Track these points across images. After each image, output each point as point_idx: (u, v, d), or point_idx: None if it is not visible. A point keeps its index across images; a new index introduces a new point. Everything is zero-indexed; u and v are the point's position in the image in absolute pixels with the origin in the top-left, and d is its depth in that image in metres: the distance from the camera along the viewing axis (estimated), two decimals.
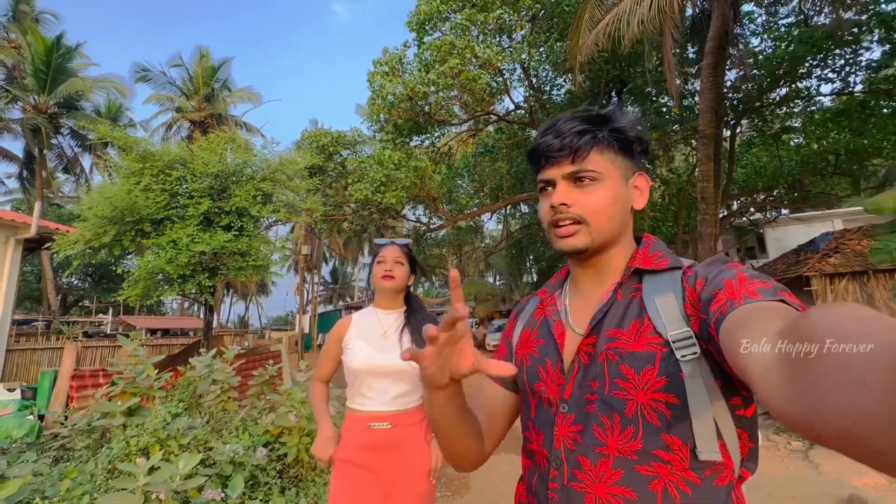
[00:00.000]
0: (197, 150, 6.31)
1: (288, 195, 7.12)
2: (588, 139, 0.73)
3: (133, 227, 5.67)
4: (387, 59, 10.66)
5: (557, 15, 10.35)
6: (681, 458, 0.62)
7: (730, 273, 0.61)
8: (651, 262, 0.74)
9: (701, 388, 0.62)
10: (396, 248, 1.71)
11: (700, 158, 6.74)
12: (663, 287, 0.70)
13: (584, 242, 0.73)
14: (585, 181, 0.73)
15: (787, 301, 0.53)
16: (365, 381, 1.60)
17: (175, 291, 6.14)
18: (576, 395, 0.70)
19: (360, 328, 1.69)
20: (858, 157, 10.99)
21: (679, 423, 0.62)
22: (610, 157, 0.74)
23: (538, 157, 0.77)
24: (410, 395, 1.60)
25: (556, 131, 0.74)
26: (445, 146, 14.40)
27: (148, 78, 20.85)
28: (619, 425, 0.65)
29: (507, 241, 21.68)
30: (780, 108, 12.10)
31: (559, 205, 0.73)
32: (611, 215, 0.74)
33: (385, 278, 1.67)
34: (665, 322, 0.66)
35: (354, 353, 1.62)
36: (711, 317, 0.58)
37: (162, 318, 30.10)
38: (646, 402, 0.64)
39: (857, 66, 9.67)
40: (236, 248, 5.96)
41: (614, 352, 0.68)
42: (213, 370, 3.57)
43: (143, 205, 5.56)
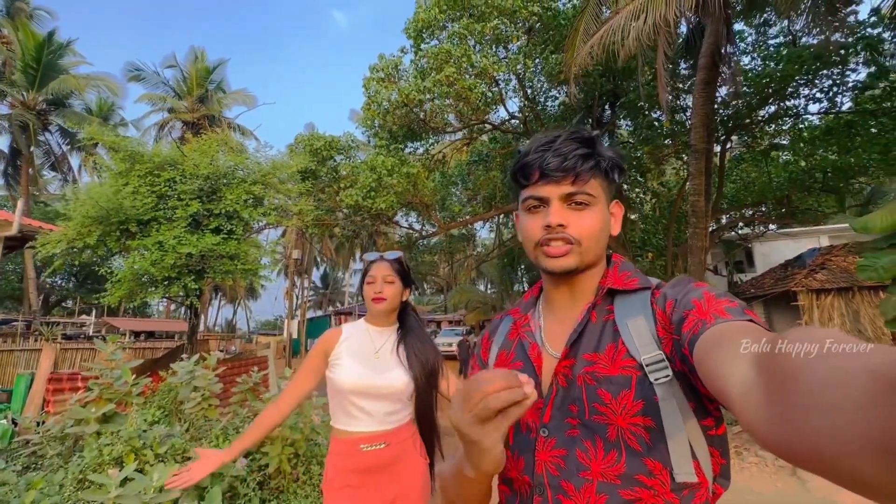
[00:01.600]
0: (188, 152, 6.22)
1: (279, 198, 7.03)
2: (591, 164, 0.74)
3: (118, 227, 5.54)
4: (383, 65, 10.68)
5: (553, 28, 10.48)
6: (662, 482, 0.62)
7: (697, 293, 0.63)
8: (622, 281, 0.75)
9: (675, 410, 0.63)
10: (386, 264, 1.61)
11: (691, 172, 6.81)
12: (634, 310, 0.71)
13: (574, 263, 0.74)
14: (581, 204, 0.74)
15: (754, 321, 0.55)
16: (354, 401, 1.51)
17: (160, 294, 6.01)
18: (556, 419, 0.70)
19: (351, 344, 1.59)
20: (844, 175, 11.22)
21: (657, 446, 0.63)
22: (601, 183, 0.76)
23: (531, 173, 0.76)
24: (401, 412, 1.53)
25: (557, 151, 0.73)
26: (439, 153, 14.42)
27: (141, 77, 20.67)
28: (602, 450, 0.65)
29: (499, 249, 21.71)
30: (770, 126, 12.34)
31: (556, 225, 0.73)
32: (598, 239, 0.75)
33: (376, 301, 1.58)
34: (638, 346, 0.67)
35: (344, 372, 1.52)
36: (685, 338, 0.58)
37: (147, 320, 29.56)
38: (625, 427, 0.64)
39: (844, 87, 9.91)
40: (224, 251, 5.85)
41: (591, 376, 0.68)
42: (195, 376, 3.46)
43: (129, 205, 5.45)
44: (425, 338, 1.64)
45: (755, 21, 11.19)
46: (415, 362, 1.54)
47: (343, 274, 43.31)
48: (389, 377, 1.51)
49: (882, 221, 4.07)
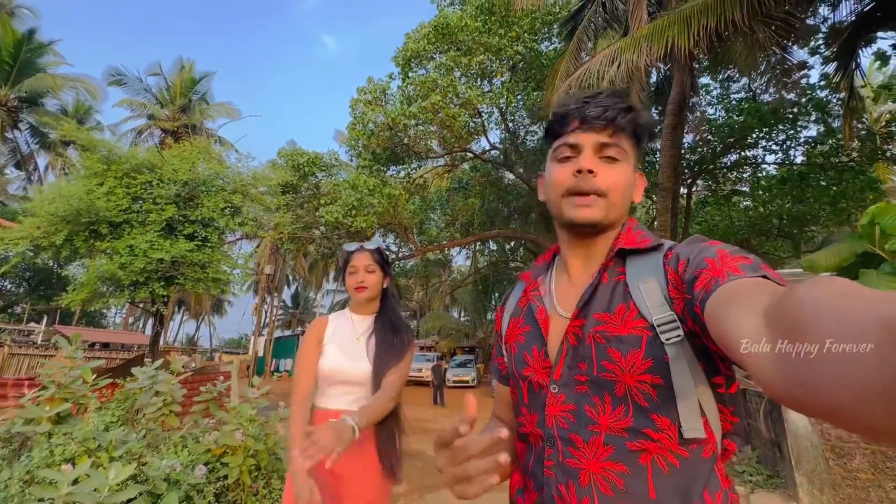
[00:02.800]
0: (167, 156, 6.15)
1: (257, 209, 6.98)
2: (630, 118, 0.74)
3: (88, 227, 5.37)
4: (371, 88, 10.96)
5: (535, 67, 11.07)
6: (669, 437, 0.64)
7: (710, 251, 0.62)
8: (634, 240, 0.75)
9: (685, 369, 0.64)
10: (367, 254, 1.68)
11: (659, 210, 7.19)
12: (646, 272, 0.71)
13: (599, 216, 0.73)
14: (612, 157, 0.74)
15: (769, 277, 0.54)
16: (332, 384, 1.60)
17: (124, 298, 5.79)
18: (565, 376, 0.72)
19: (337, 331, 1.67)
20: (799, 223, 11.99)
21: (665, 403, 0.64)
22: (632, 144, 0.76)
23: (568, 121, 0.76)
24: (367, 397, 1.60)
25: (598, 103, 0.74)
26: (421, 178, 14.67)
27: (122, 82, 20.37)
28: (610, 405, 0.66)
29: (474, 276, 21.86)
30: (731, 172, 13.20)
31: (587, 171, 0.72)
32: (624, 195, 0.75)
33: (359, 290, 1.65)
34: (650, 306, 0.67)
35: (327, 358, 1.61)
36: (697, 297, 0.58)
37: (102, 331, 27.99)
38: (633, 384, 0.65)
39: (797, 141, 10.75)
40: (197, 258, 5.73)
41: (602, 335, 0.69)
42: (157, 381, 3.36)
43: (102, 206, 5.31)
44: (400, 323, 1.71)
45: (720, 76, 12.13)
46: (387, 346, 1.61)
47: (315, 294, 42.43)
48: (361, 364, 1.59)
49: (826, 261, 4.42)
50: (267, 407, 3.63)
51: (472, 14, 10.38)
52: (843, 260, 4.35)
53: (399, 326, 1.69)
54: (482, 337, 25.11)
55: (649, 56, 5.02)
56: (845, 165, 10.34)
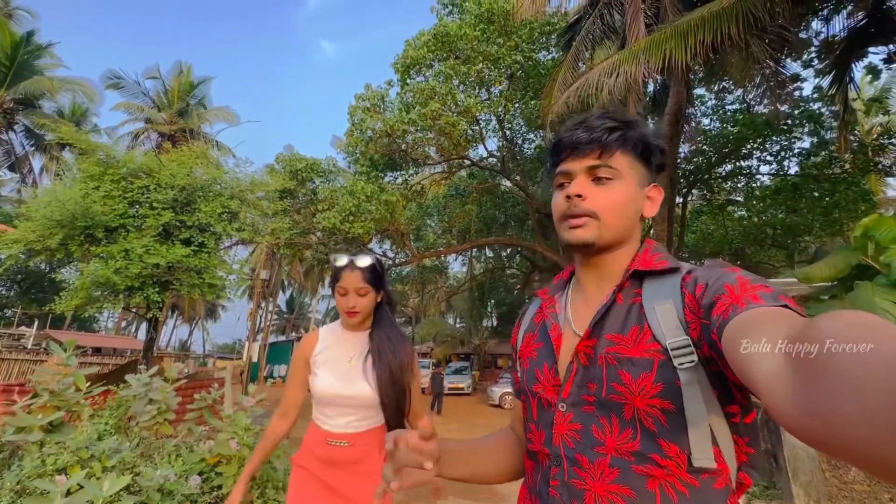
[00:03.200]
0: (165, 161, 6.12)
1: (254, 214, 6.95)
2: (617, 137, 0.74)
3: (83, 231, 5.32)
4: (369, 94, 11.01)
5: (533, 76, 11.16)
6: (678, 464, 0.62)
7: (730, 277, 0.61)
8: (651, 262, 0.74)
9: (697, 395, 0.62)
10: (358, 275, 1.53)
11: (655, 219, 7.23)
12: (663, 293, 0.70)
13: (592, 236, 0.74)
14: (604, 178, 0.74)
15: (789, 307, 0.53)
16: (328, 406, 1.54)
17: (119, 303, 5.73)
18: (574, 395, 0.71)
19: (327, 351, 1.59)
20: (792, 233, 12.11)
21: (675, 429, 0.63)
22: (630, 160, 0.76)
23: (562, 149, 0.78)
24: (371, 419, 1.55)
25: (587, 126, 0.75)
26: (418, 184, 14.71)
27: (120, 86, 20.34)
28: (617, 427, 0.66)
29: (470, 282, 21.86)
30: (726, 182, 13.33)
31: (574, 195, 0.74)
32: (620, 214, 0.75)
33: (350, 315, 1.55)
34: (664, 329, 0.66)
35: (319, 381, 1.53)
36: (714, 322, 0.57)
37: (94, 335, 27.67)
38: (642, 407, 0.64)
39: (791, 152, 10.89)
40: (193, 263, 5.69)
41: (613, 356, 0.69)
42: (152, 388, 3.31)
43: (98, 210, 5.27)
44: (397, 338, 1.61)
45: (715, 88, 12.29)
46: (382, 371, 1.52)
47: (310, 300, 42.21)
48: (357, 388, 1.51)
49: (821, 273, 4.46)
50: (262, 414, 3.60)
51: (471, 23, 10.47)
52: (837, 272, 4.38)
53: (396, 343, 1.59)
54: (478, 344, 25.07)
55: (647, 68, 5.08)
56: (838, 177, 10.48)
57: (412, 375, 1.61)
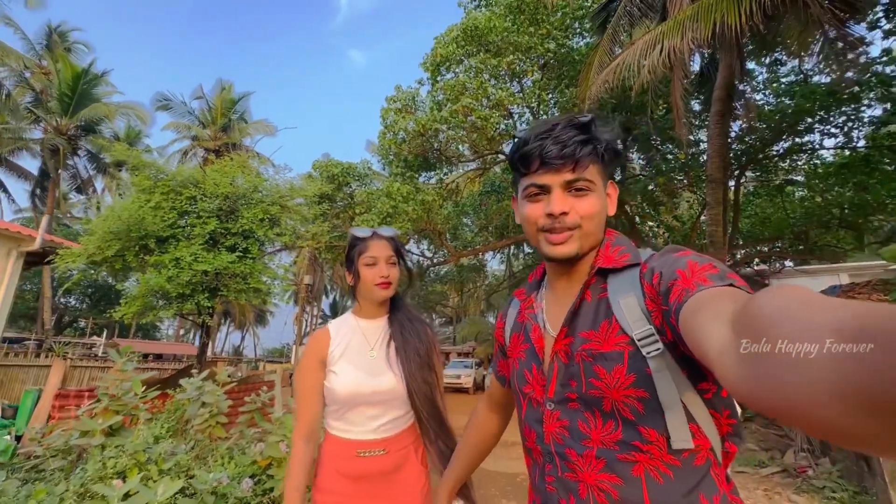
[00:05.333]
0: (209, 172, 6.37)
1: (294, 219, 7.09)
2: (589, 150, 0.75)
3: (138, 242, 5.61)
4: (400, 96, 11.02)
5: (567, 63, 10.77)
6: (658, 448, 0.66)
7: (681, 262, 0.64)
8: (612, 259, 0.77)
9: (668, 380, 0.65)
10: (386, 243, 1.38)
11: (709, 202, 6.75)
12: (625, 287, 0.73)
13: (575, 249, 0.76)
14: (581, 189, 0.75)
15: (735, 284, 0.56)
16: (354, 408, 1.32)
17: (173, 310, 6.00)
18: (559, 394, 0.75)
19: (344, 345, 1.37)
20: (862, 212, 11.03)
21: (652, 415, 0.66)
22: (599, 168, 0.77)
23: (530, 162, 0.77)
24: (403, 418, 1.35)
25: (556, 139, 0.74)
26: (453, 183, 14.61)
27: (169, 107, 21.62)
28: (600, 420, 0.70)
29: (509, 280, 21.55)
30: (784, 161, 12.31)
31: (560, 214, 0.75)
32: (598, 222, 0.77)
33: (382, 286, 1.34)
34: (630, 321, 0.69)
35: (341, 380, 1.31)
36: (671, 308, 0.60)
37: (156, 342, 29.59)
38: (619, 399, 0.67)
39: (860, 122, 9.89)
40: (239, 269, 5.86)
41: (588, 353, 0.72)
42: (204, 392, 3.38)
43: (150, 221, 5.54)
44: (417, 320, 1.44)
45: (766, 61, 11.39)
46: (409, 357, 1.34)
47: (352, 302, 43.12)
48: (386, 379, 1.32)
49: None
50: None
51: (500, 14, 10.24)
52: None
53: (417, 325, 1.42)
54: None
55: (694, 38, 4.70)
56: None
57: (437, 362, 1.42)
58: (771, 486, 4.92)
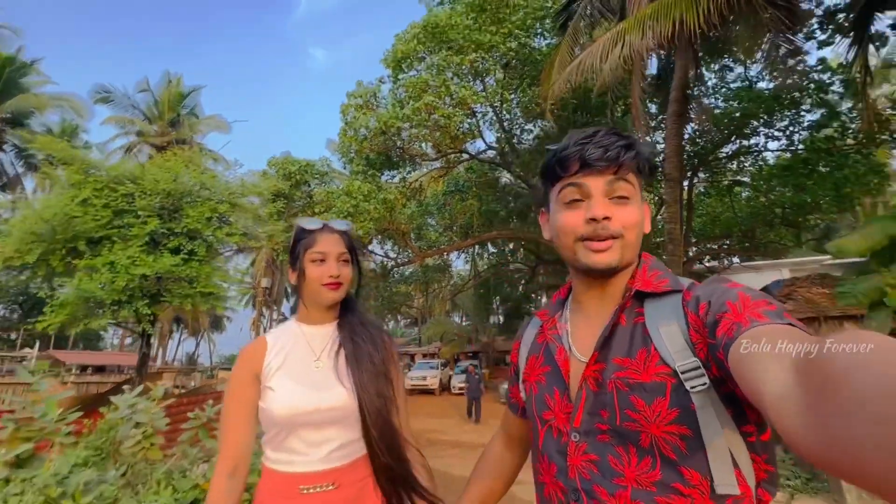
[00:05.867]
0: (149, 167, 5.83)
1: (246, 218, 6.64)
2: (632, 156, 0.71)
3: (65, 245, 5.03)
4: (361, 92, 10.71)
5: (529, 63, 10.84)
6: (701, 492, 0.60)
7: (731, 294, 0.60)
8: (651, 283, 0.72)
9: (713, 418, 0.61)
10: (338, 238, 1.17)
11: (667, 201, 6.92)
12: (666, 314, 0.68)
13: (616, 259, 0.71)
14: (622, 197, 0.72)
15: (794, 325, 0.52)
16: (294, 431, 1.07)
17: (106, 319, 5.43)
18: (586, 424, 0.69)
19: (282, 355, 1.14)
20: (802, 211, 11.80)
21: (694, 455, 0.61)
22: (637, 179, 0.74)
23: (569, 164, 0.73)
24: (357, 443, 1.10)
25: (598, 143, 0.71)
26: (416, 182, 14.40)
27: (109, 99, 20.11)
28: (635, 456, 0.64)
29: (474, 280, 21.57)
30: (732, 163, 12.99)
31: (602, 218, 0.70)
32: (639, 233, 0.73)
33: (330, 287, 1.13)
34: (671, 352, 0.65)
35: (278, 397, 1.08)
36: (720, 342, 0.56)
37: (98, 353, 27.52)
38: (659, 435, 0.62)
39: (800, 126, 10.55)
40: (184, 273, 5.39)
41: (623, 381, 0.67)
42: (137, 410, 3.02)
43: (80, 221, 4.97)
44: (373, 325, 1.23)
45: (715, 67, 11.96)
46: (360, 367, 1.12)
47: None
48: (336, 393, 1.09)
49: (856, 245, 4.15)
50: None
51: (462, 12, 10.15)
52: (875, 243, 4.04)
53: (372, 330, 1.22)
54: (485, 341, 24.82)
55: (654, 37, 4.75)
56: (850, 149, 10.14)
57: (395, 368, 1.20)
58: None
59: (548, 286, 20.04)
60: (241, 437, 1.09)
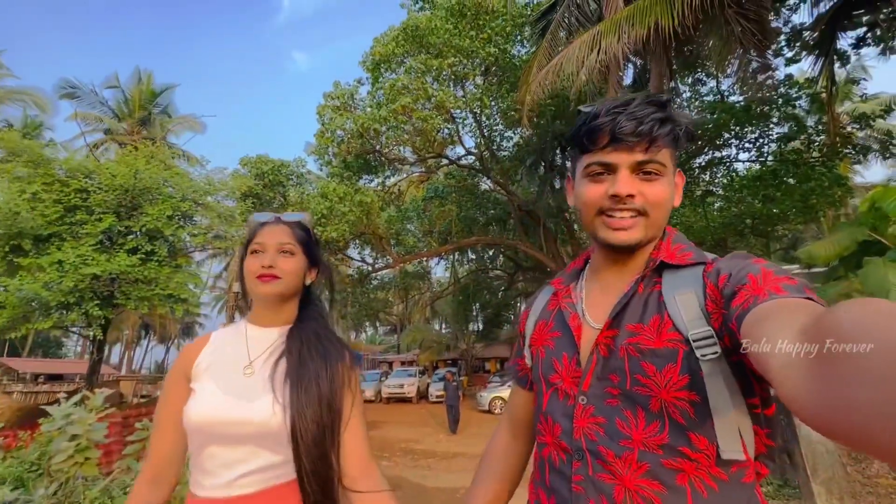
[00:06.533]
0: (106, 162, 5.49)
1: (211, 217, 6.32)
2: (667, 131, 0.68)
3: (8, 242, 4.64)
4: (338, 93, 10.53)
5: (509, 69, 10.88)
6: (707, 457, 0.62)
7: (754, 268, 0.60)
8: (675, 255, 0.72)
9: (721, 387, 0.61)
10: (284, 229, 1.03)
11: None
12: (685, 283, 0.68)
13: (639, 236, 0.71)
14: (651, 174, 0.70)
15: (813, 299, 0.51)
16: (207, 446, 0.91)
17: (51, 322, 5.03)
18: (595, 388, 0.70)
19: (216, 356, 1.00)
20: (770, 222, 12.17)
21: (702, 421, 0.62)
22: (671, 153, 0.72)
23: (598, 137, 0.70)
24: (277, 469, 0.91)
25: (631, 114, 0.68)
26: (395, 187, 14.24)
27: (75, 95, 19.25)
28: (643, 420, 0.65)
29: (454, 286, 21.46)
30: (705, 173, 13.33)
31: (626, 196, 0.69)
32: (666, 210, 0.72)
33: (263, 279, 0.98)
34: (685, 320, 0.65)
35: (194, 401, 0.93)
36: (733, 312, 0.57)
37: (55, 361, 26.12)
38: (669, 400, 0.63)
39: (769, 139, 10.89)
40: (141, 274, 5.05)
41: (635, 347, 0.67)
42: (72, 422, 2.74)
43: (25, 217, 4.60)
44: (329, 338, 1.05)
45: (689, 80, 12.29)
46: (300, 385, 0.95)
47: None
48: (256, 407, 0.92)
49: (825, 251, 4.20)
50: None
51: (442, 16, 10.12)
52: (843, 249, 4.10)
53: (329, 344, 1.03)
54: (464, 348, 24.66)
55: (629, 41, 4.77)
56: (816, 161, 10.51)
57: (351, 400, 1.00)
58: None
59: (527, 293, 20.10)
60: (166, 442, 0.97)
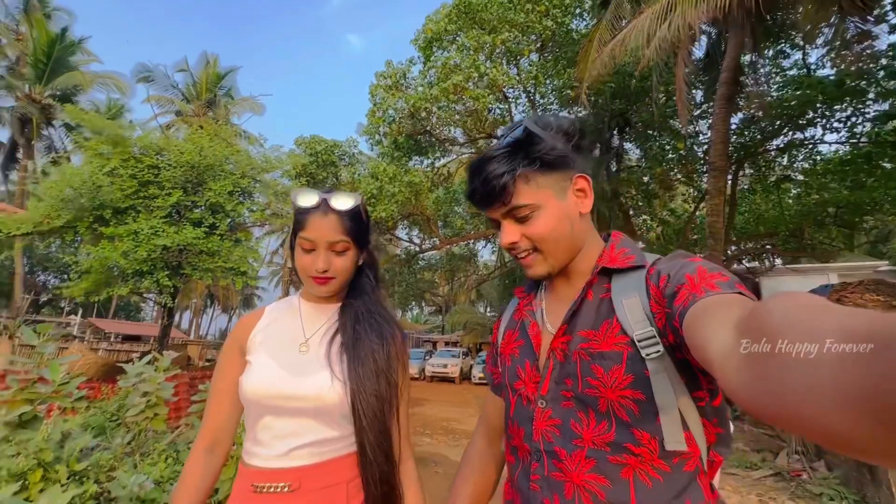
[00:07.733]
0: (175, 140, 5.85)
1: (267, 194, 6.59)
2: (508, 178, 0.72)
3: (92, 213, 5.10)
4: (391, 72, 10.50)
5: (566, 44, 10.32)
6: (650, 451, 0.65)
7: (691, 268, 0.63)
8: (617, 259, 0.75)
9: (666, 383, 0.64)
10: (334, 220, 0.96)
11: (710, 192, 6.42)
12: (630, 288, 0.71)
13: (545, 269, 0.76)
14: (525, 217, 0.73)
15: (743, 293, 0.55)
16: (262, 417, 0.92)
17: (128, 288, 5.50)
18: (552, 391, 0.73)
19: (271, 331, 1.01)
20: (858, 211, 10.87)
21: (647, 417, 0.65)
22: (538, 182, 0.73)
23: (474, 202, 0.77)
24: (333, 442, 0.92)
25: (480, 177, 0.74)
26: (445, 168, 14.16)
27: (150, 79, 20.71)
28: (594, 420, 0.68)
29: (500, 270, 21.28)
30: (782, 157, 12.07)
31: (508, 246, 0.76)
32: (558, 237, 0.74)
33: (318, 282, 0.97)
34: (631, 322, 0.68)
35: (251, 376, 0.94)
36: (675, 311, 0.59)
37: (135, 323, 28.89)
38: (615, 399, 0.66)
39: (864, 117, 9.63)
40: (205, 246, 5.38)
41: (586, 352, 0.70)
42: (143, 380, 2.98)
43: (106, 190, 5.02)
44: (383, 316, 1.03)
45: (769, 53, 11.04)
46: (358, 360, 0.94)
47: None
48: (312, 382, 0.92)
49: None
50: None
51: None
52: None
53: (380, 319, 1.02)
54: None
55: (708, 7, 4.30)
56: None
57: (403, 377, 1.00)
58: (764, 491, 4.67)
59: None
60: (222, 411, 0.99)
